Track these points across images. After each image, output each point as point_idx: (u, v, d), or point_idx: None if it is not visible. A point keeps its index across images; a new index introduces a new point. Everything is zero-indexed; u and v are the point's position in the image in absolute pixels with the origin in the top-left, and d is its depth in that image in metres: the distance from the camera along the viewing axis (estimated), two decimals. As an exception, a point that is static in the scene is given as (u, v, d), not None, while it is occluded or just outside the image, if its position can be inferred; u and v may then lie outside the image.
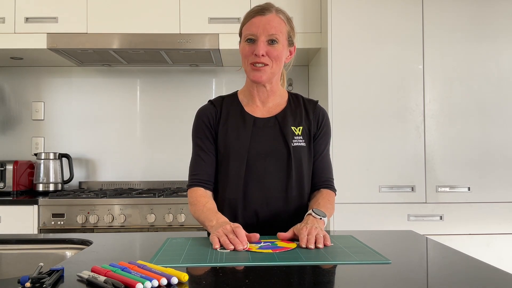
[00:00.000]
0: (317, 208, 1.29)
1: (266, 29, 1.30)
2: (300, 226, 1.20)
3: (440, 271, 0.92)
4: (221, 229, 1.14)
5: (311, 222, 1.21)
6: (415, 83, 2.34)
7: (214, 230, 1.16)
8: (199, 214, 1.29)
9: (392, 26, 2.34)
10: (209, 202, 1.32)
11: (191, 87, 3.02)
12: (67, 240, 1.30)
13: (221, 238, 1.11)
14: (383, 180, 2.30)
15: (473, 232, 2.28)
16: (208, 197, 1.34)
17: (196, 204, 1.32)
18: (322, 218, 1.25)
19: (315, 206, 1.32)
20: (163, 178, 2.96)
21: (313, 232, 1.14)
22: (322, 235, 1.14)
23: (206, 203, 1.31)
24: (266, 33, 1.30)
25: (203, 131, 1.40)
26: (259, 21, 1.30)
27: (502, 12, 2.35)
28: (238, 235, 1.11)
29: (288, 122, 1.38)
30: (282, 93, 1.45)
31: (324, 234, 1.16)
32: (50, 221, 2.35)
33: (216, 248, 1.09)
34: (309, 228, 1.16)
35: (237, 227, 1.14)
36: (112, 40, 2.54)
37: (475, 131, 2.33)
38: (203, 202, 1.31)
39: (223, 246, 1.10)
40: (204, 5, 2.57)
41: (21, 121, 2.99)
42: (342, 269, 0.94)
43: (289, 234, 1.20)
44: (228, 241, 1.09)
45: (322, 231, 1.18)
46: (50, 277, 0.82)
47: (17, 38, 2.55)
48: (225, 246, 1.09)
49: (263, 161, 1.35)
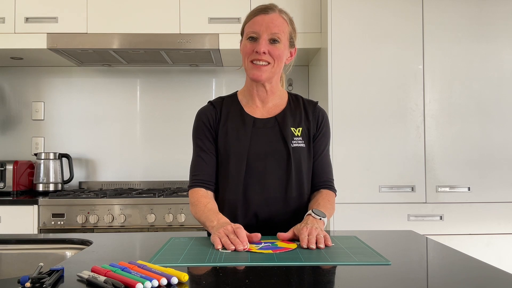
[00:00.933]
0: (316, 209, 1.29)
1: (269, 28, 1.29)
2: (300, 226, 1.20)
3: (440, 271, 0.92)
4: (222, 230, 1.14)
5: (311, 223, 1.21)
6: (415, 83, 2.34)
7: (215, 231, 1.16)
8: (200, 215, 1.29)
9: (392, 26, 2.34)
10: (210, 203, 1.31)
11: (191, 87, 3.02)
12: (67, 240, 1.30)
13: (222, 238, 1.11)
14: (383, 180, 2.30)
15: (473, 232, 2.28)
16: (209, 198, 1.34)
17: (197, 205, 1.32)
18: (322, 219, 1.25)
19: (314, 206, 1.32)
20: (163, 178, 2.96)
21: (313, 232, 1.14)
22: (323, 235, 1.14)
23: (207, 203, 1.31)
24: (269, 31, 1.29)
25: (203, 131, 1.40)
26: (262, 20, 1.30)
27: (502, 12, 2.35)
28: (239, 235, 1.11)
29: (288, 123, 1.38)
30: (282, 93, 1.44)
31: (325, 234, 1.16)
32: (50, 221, 2.35)
33: (218, 249, 1.09)
34: (310, 228, 1.16)
35: (238, 227, 1.14)
36: (112, 40, 2.54)
37: (475, 131, 2.33)
38: (204, 203, 1.31)
39: (224, 247, 1.10)
40: (204, 5, 2.57)
41: (21, 121, 2.99)
42: (342, 270, 0.94)
43: (289, 234, 1.20)
44: (229, 241, 1.09)
45: (322, 231, 1.18)
46: (50, 277, 0.83)
47: (17, 38, 2.55)
48: (226, 247, 1.09)
49: (263, 161, 1.35)
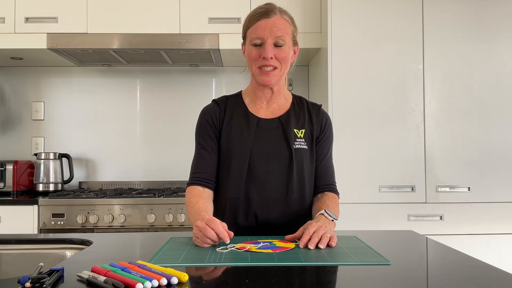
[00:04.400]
0: (329, 210, 1.28)
1: (273, 32, 1.29)
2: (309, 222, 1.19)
3: (440, 271, 0.92)
4: (195, 230, 1.13)
5: (323, 222, 1.21)
6: (415, 83, 2.33)
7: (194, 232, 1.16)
8: (189, 216, 1.30)
9: (392, 26, 2.34)
10: (199, 203, 1.29)
11: (191, 87, 3.02)
12: (67, 240, 1.30)
13: (196, 241, 1.12)
14: (383, 180, 2.30)
15: (473, 232, 2.28)
16: (199, 197, 1.32)
17: (188, 205, 1.32)
18: (334, 220, 1.25)
19: (324, 207, 1.31)
20: (163, 178, 2.96)
21: (320, 231, 1.12)
22: (329, 236, 1.12)
23: (196, 203, 1.29)
24: (273, 36, 1.29)
25: (206, 130, 1.40)
26: (265, 24, 1.29)
27: (502, 12, 2.35)
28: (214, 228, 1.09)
29: (291, 124, 1.38)
30: (287, 94, 1.45)
31: (332, 235, 1.14)
32: (50, 221, 2.35)
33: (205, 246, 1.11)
34: (318, 226, 1.14)
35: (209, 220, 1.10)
36: (112, 40, 2.54)
37: (475, 131, 2.33)
38: (194, 202, 1.30)
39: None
40: (204, 5, 2.57)
41: (21, 121, 2.99)
42: (342, 269, 0.94)
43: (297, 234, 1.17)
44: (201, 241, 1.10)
45: (331, 231, 1.16)
46: (50, 277, 0.82)
47: (17, 38, 2.55)
48: (201, 246, 1.10)
49: (265, 162, 1.35)
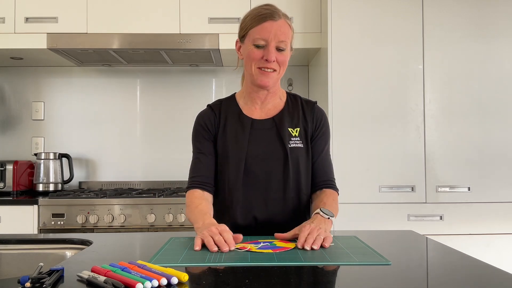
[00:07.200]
0: (325, 208, 1.28)
1: (277, 36, 1.29)
2: (304, 223, 1.19)
3: (440, 271, 0.92)
4: (206, 231, 1.13)
5: (317, 222, 1.20)
6: (415, 83, 2.33)
7: (199, 232, 1.16)
8: (190, 216, 1.29)
9: (392, 26, 2.34)
10: (202, 204, 1.30)
11: (191, 87, 3.02)
12: (67, 240, 1.30)
13: (205, 239, 1.10)
14: (383, 180, 2.30)
15: (473, 232, 2.28)
16: (201, 199, 1.33)
17: (189, 206, 1.32)
18: (330, 218, 1.24)
19: (321, 205, 1.31)
20: (163, 178, 2.96)
21: (314, 232, 1.13)
22: (323, 237, 1.13)
23: (199, 205, 1.30)
24: (277, 39, 1.29)
25: (202, 134, 1.41)
26: (271, 27, 1.29)
27: (502, 12, 2.35)
28: (226, 238, 1.09)
29: (285, 124, 1.38)
30: (281, 94, 1.45)
31: (327, 236, 1.14)
32: (50, 221, 2.35)
33: (196, 250, 1.08)
34: (312, 228, 1.15)
35: (224, 230, 1.12)
36: (112, 40, 2.54)
37: (475, 131, 2.33)
38: (196, 204, 1.31)
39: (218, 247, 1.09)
40: (204, 5, 2.57)
41: (21, 121, 2.99)
42: (342, 269, 0.94)
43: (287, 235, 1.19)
44: (212, 242, 1.08)
45: (326, 232, 1.16)
46: (50, 277, 0.83)
47: (17, 38, 2.55)
48: (209, 248, 1.07)
49: (261, 163, 1.35)
